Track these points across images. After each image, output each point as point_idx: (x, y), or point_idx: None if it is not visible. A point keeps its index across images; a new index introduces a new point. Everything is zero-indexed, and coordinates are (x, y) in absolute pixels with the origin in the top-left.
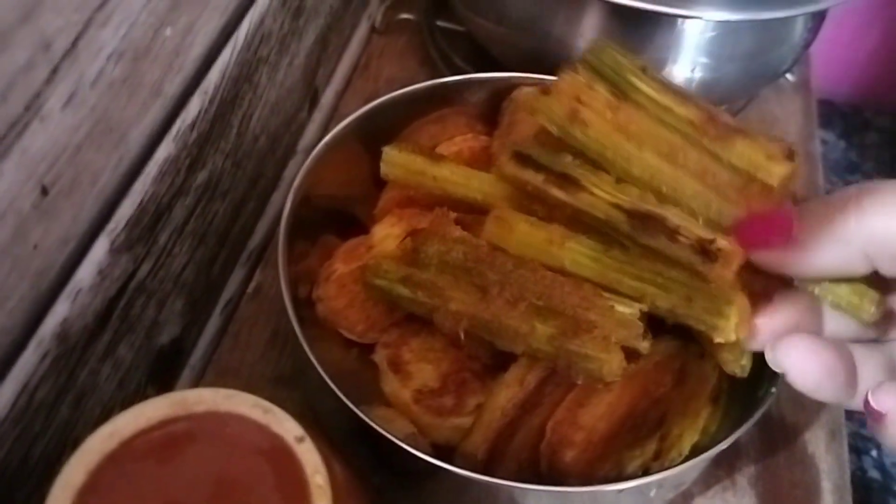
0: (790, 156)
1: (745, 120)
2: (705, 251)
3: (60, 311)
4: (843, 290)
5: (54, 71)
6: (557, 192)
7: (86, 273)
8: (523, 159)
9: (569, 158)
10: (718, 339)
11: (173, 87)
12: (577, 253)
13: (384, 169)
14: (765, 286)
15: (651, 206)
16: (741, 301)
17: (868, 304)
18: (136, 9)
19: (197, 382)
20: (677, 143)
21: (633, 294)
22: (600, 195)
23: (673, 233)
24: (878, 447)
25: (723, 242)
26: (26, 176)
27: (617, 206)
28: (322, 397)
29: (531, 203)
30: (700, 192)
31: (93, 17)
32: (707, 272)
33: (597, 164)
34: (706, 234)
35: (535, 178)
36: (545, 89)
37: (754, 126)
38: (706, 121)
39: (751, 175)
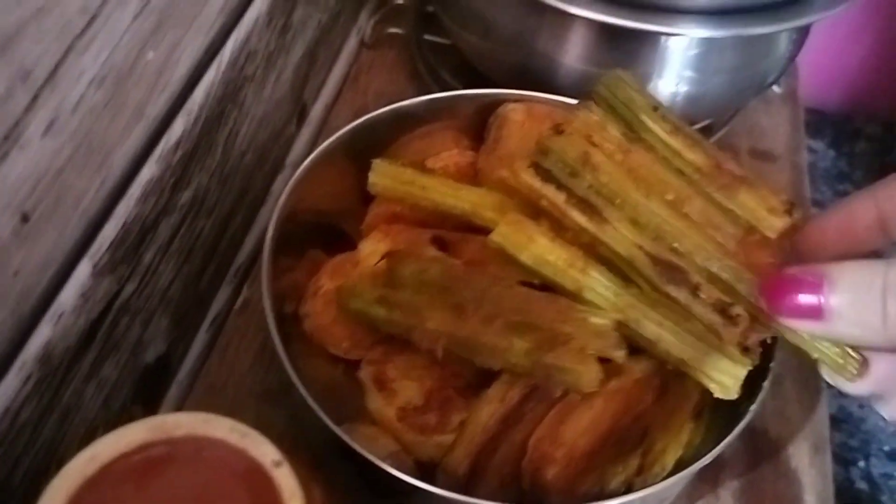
0: (790, 210)
1: (732, 131)
2: (725, 313)
3: (43, 334)
4: (831, 351)
5: (34, 99)
6: (579, 217)
7: (68, 296)
8: (543, 173)
9: (587, 184)
10: (719, 395)
11: (156, 108)
12: (599, 284)
13: (372, 179)
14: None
15: (673, 257)
16: (751, 365)
17: (851, 366)
18: (118, 33)
19: (184, 398)
20: (683, 190)
21: (650, 337)
22: (623, 232)
23: (694, 288)
24: (866, 458)
25: (739, 308)
26: (6, 204)
27: (640, 248)
28: (306, 415)
29: (536, 219)
30: (702, 245)
31: (73, 44)
32: (725, 334)
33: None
34: (725, 296)
35: (556, 196)
36: (558, 128)
37: (755, 174)
38: (713, 167)
39: (751, 226)
